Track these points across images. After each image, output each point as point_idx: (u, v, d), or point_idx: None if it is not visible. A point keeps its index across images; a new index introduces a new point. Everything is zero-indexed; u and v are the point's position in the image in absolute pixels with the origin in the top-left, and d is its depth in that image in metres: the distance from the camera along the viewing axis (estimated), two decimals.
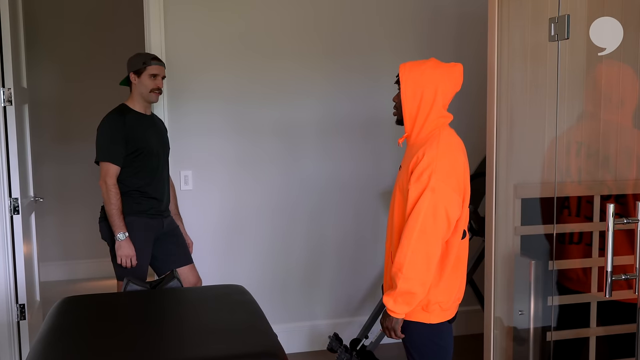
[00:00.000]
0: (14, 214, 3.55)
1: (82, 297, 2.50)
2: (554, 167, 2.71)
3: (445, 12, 4.06)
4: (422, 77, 2.27)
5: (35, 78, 5.37)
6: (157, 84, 3.30)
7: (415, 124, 2.30)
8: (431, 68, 2.28)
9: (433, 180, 2.16)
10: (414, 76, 2.28)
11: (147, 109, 3.37)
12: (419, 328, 2.31)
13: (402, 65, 2.34)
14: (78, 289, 5.31)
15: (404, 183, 2.28)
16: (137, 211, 3.26)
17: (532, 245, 2.84)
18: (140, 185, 3.27)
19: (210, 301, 2.40)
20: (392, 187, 4.03)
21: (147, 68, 3.27)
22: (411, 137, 2.33)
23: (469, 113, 4.12)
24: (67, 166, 5.56)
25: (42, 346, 1.98)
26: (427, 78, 2.27)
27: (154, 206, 3.31)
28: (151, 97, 3.30)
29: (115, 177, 3.22)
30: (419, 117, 2.29)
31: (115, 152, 3.22)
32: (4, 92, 3.48)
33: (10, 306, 3.55)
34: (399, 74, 2.32)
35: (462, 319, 4.21)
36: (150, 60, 3.28)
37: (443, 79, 2.27)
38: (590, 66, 2.68)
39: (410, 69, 2.30)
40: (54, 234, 5.58)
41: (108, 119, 3.27)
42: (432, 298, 2.27)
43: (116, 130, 3.22)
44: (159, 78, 3.31)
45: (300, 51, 3.88)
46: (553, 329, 2.72)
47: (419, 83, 2.27)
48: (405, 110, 2.30)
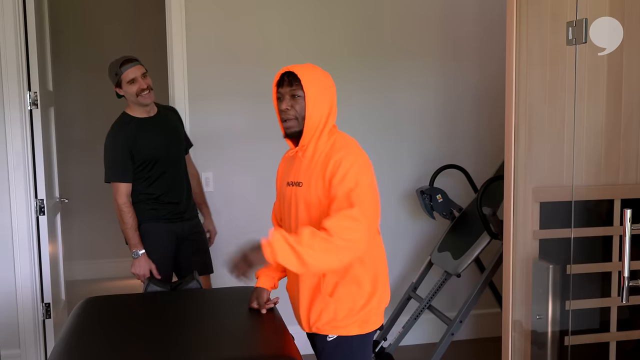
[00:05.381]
0: (40, 214, 3.63)
1: (104, 298, 2.56)
2: (572, 170, 2.70)
3: (464, 14, 4.06)
4: (329, 88, 2.16)
5: (61, 81, 5.46)
6: (140, 86, 3.13)
7: (320, 135, 2.15)
8: (327, 76, 2.18)
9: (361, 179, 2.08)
10: (322, 86, 2.14)
11: (150, 110, 3.25)
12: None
13: (299, 69, 2.12)
14: (102, 288, 5.39)
15: (311, 197, 2.13)
16: (154, 217, 3.21)
17: (550, 249, 2.83)
18: (154, 193, 3.20)
19: (228, 303, 2.43)
20: (412, 189, 4.04)
21: (121, 77, 3.14)
22: (308, 148, 2.17)
23: (487, 116, 4.11)
24: (92, 168, 5.64)
25: (65, 344, 2.04)
26: (333, 90, 2.17)
27: (172, 210, 3.25)
28: (140, 100, 3.15)
29: (125, 195, 3.14)
30: (325, 127, 2.16)
31: (123, 170, 3.13)
32: (30, 96, 3.56)
33: (36, 305, 3.62)
34: (302, 81, 2.10)
35: (481, 322, 4.20)
36: (119, 68, 3.13)
37: (334, 88, 2.19)
38: (609, 69, 2.67)
39: (317, 77, 2.13)
40: (79, 234, 5.67)
41: (110, 135, 3.17)
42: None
43: (120, 147, 3.12)
44: (139, 78, 3.13)
45: (318, 52, 3.90)
46: (571, 333, 2.71)
47: (327, 93, 2.14)
48: (309, 120, 2.12)
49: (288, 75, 2.13)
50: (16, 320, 3.60)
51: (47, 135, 3.83)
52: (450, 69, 4.06)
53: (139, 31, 5.61)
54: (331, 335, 2.17)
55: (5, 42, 3.44)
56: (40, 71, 3.63)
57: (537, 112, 2.76)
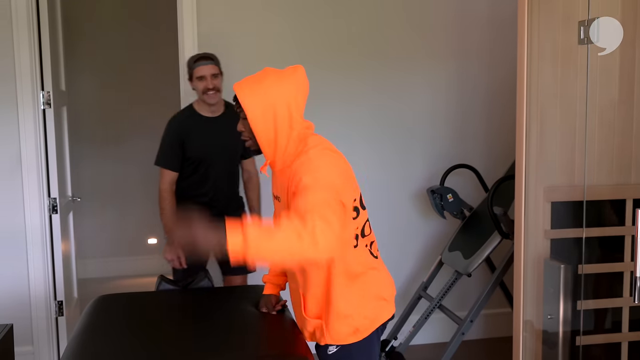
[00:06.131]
0: (53, 213, 3.66)
1: (116, 295, 2.58)
2: (583, 170, 2.70)
3: (475, 14, 4.05)
4: (267, 95, 1.98)
5: (74, 81, 5.50)
6: (206, 85, 3.18)
7: (277, 148, 2.02)
8: (274, 82, 1.99)
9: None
10: (258, 97, 1.98)
11: (215, 110, 3.27)
12: None
13: (236, 86, 2.02)
14: (114, 286, 5.43)
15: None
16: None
17: (562, 249, 2.82)
18: (191, 189, 3.29)
19: (239, 301, 2.44)
20: (422, 189, 4.04)
21: (193, 72, 3.21)
22: (276, 162, 2.06)
23: (498, 116, 4.10)
24: (105, 167, 5.68)
25: (78, 342, 2.06)
26: (274, 94, 1.98)
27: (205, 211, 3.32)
28: (205, 99, 3.20)
29: (168, 182, 3.24)
30: (280, 139, 2.00)
31: (170, 158, 3.23)
32: (43, 95, 3.59)
33: (49, 302, 3.66)
34: (239, 99, 2.00)
35: (492, 322, 4.19)
36: (193, 63, 3.21)
37: (291, 89, 2.00)
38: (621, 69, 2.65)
39: (251, 90, 1.99)
40: (91, 232, 5.71)
41: (171, 122, 3.26)
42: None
43: (173, 137, 3.22)
44: (208, 78, 3.18)
45: (329, 51, 3.90)
46: (582, 334, 2.70)
47: (267, 102, 1.97)
48: (261, 136, 2.00)
49: (234, 99, 2.06)
50: (29, 318, 3.64)
51: (59, 134, 3.86)
52: (461, 69, 4.06)
53: (151, 31, 5.63)
54: (332, 347, 2.16)
55: (19, 43, 3.47)
56: (53, 71, 3.66)
57: (549, 112, 2.76)
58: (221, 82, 3.26)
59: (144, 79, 5.60)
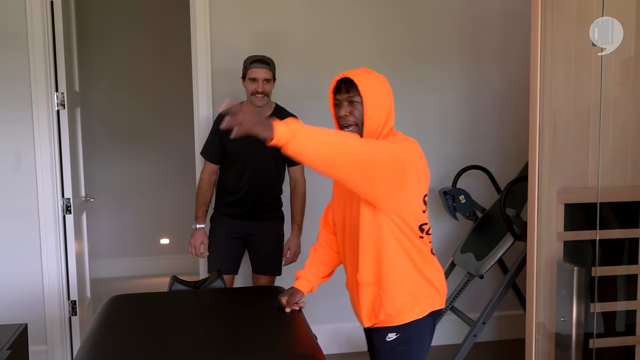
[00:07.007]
0: (66, 213, 3.69)
1: (129, 296, 2.59)
2: (597, 172, 2.68)
3: (487, 16, 4.03)
4: (384, 90, 2.16)
5: (87, 83, 5.53)
6: (256, 88, 3.20)
7: (378, 137, 2.17)
8: (386, 81, 2.18)
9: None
10: (377, 89, 2.14)
11: (263, 112, 3.25)
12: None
13: (353, 74, 2.13)
14: (127, 286, 5.45)
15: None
16: (220, 210, 3.44)
17: (575, 251, 2.81)
18: (227, 184, 3.37)
19: (251, 303, 2.45)
20: (435, 190, 4.03)
21: (247, 72, 3.23)
22: None
23: (510, 117, 4.08)
24: (118, 167, 5.71)
25: (92, 342, 2.07)
26: (386, 90, 2.17)
27: (236, 210, 3.38)
28: (253, 100, 3.21)
29: (207, 172, 3.38)
30: (384, 130, 2.17)
31: (212, 151, 3.36)
32: (57, 97, 3.62)
33: (62, 302, 3.68)
34: (358, 86, 2.11)
35: (504, 324, 4.17)
36: (250, 64, 3.24)
37: (390, 90, 2.19)
38: (634, 70, 2.64)
39: (371, 80, 2.13)
40: (104, 232, 5.75)
41: (217, 117, 3.36)
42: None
43: (216, 130, 3.32)
44: (260, 81, 3.20)
45: (342, 53, 3.90)
46: (595, 336, 2.68)
47: (385, 97, 2.15)
48: (369, 124, 2.13)
49: (345, 82, 2.14)
50: (43, 317, 3.67)
51: (73, 135, 3.88)
52: (473, 71, 4.04)
53: (164, 35, 5.66)
54: (391, 334, 2.18)
55: (34, 45, 3.51)
56: (67, 73, 3.69)
57: (562, 113, 2.75)
58: (272, 88, 3.30)
59: (157, 82, 5.63)
